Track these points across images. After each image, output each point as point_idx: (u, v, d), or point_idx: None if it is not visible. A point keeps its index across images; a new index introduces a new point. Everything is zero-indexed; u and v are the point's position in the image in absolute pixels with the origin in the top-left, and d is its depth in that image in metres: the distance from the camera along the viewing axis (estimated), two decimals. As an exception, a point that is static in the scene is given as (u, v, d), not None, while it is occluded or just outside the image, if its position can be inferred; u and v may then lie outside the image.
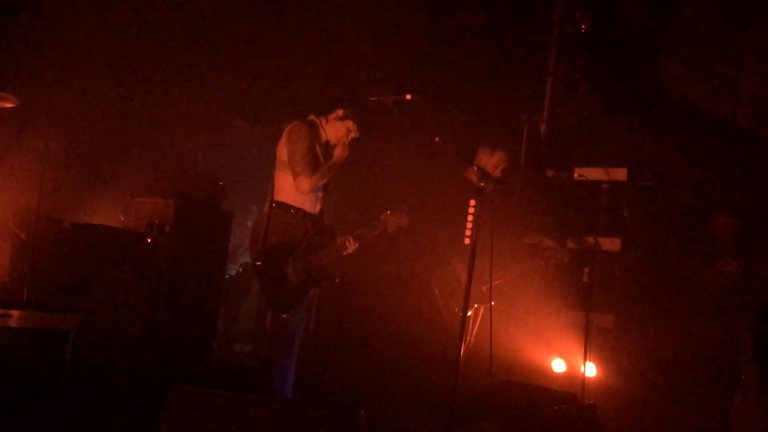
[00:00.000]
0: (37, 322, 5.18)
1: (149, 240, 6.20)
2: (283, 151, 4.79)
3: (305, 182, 4.70)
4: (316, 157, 4.80)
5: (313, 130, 4.87)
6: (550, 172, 6.12)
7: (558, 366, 6.27)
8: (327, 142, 4.97)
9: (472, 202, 4.53)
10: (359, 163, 7.33)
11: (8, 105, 6.09)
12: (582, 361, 5.76)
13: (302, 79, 7.23)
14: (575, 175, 6.13)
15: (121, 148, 7.55)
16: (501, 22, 7.04)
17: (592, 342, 5.70)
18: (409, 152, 6.80)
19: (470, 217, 4.55)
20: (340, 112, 4.93)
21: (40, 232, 6.48)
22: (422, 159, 6.63)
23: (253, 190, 8.45)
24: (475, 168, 4.60)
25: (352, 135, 4.96)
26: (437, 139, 4.51)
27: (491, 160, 5.56)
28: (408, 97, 4.78)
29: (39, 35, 6.88)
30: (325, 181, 4.87)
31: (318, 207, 4.92)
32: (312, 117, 4.98)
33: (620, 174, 6.10)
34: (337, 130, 4.95)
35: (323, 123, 4.96)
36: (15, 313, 5.02)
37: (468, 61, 7.08)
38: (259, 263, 4.62)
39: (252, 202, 9.00)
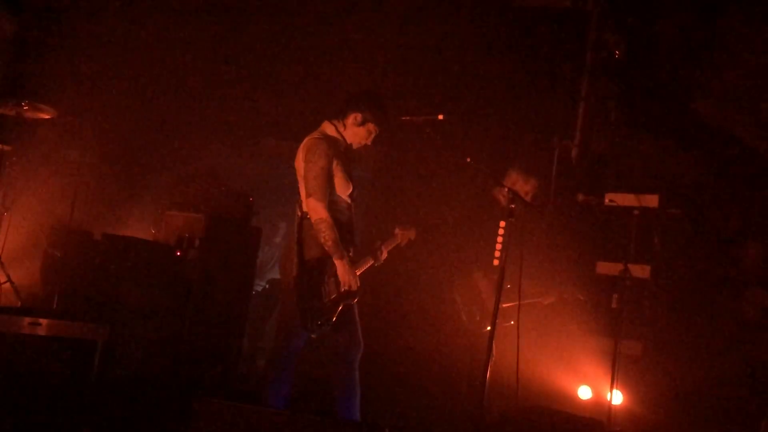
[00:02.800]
0: (66, 331, 5.22)
1: (179, 253, 6.25)
2: (300, 168, 4.63)
3: (315, 204, 4.50)
4: (332, 177, 4.59)
5: (331, 143, 4.64)
6: (580, 197, 6.11)
7: (584, 393, 6.20)
8: (349, 146, 4.77)
9: (502, 224, 4.49)
10: (389, 180, 7.42)
11: (46, 116, 6.21)
12: (609, 388, 5.70)
13: (334, 97, 7.27)
14: (606, 201, 6.10)
15: (154, 162, 7.65)
16: (534, 46, 7.05)
17: (619, 369, 5.65)
18: (440, 171, 6.81)
19: (499, 239, 4.51)
20: (358, 117, 4.69)
21: (72, 243, 6.57)
22: (452, 178, 6.63)
23: (283, 207, 8.51)
24: (506, 189, 4.58)
25: (374, 135, 4.77)
26: (468, 159, 4.50)
27: (525, 187, 5.53)
28: (440, 117, 4.76)
29: (76, 49, 7.02)
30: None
31: (352, 217, 4.75)
32: (327, 123, 4.75)
33: (652, 200, 6.06)
34: (357, 134, 4.73)
35: (341, 129, 4.74)
36: (44, 321, 5.07)
37: (500, 83, 7.09)
38: (295, 277, 4.48)
39: (280, 219, 9.06)
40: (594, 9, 6.81)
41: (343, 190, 4.67)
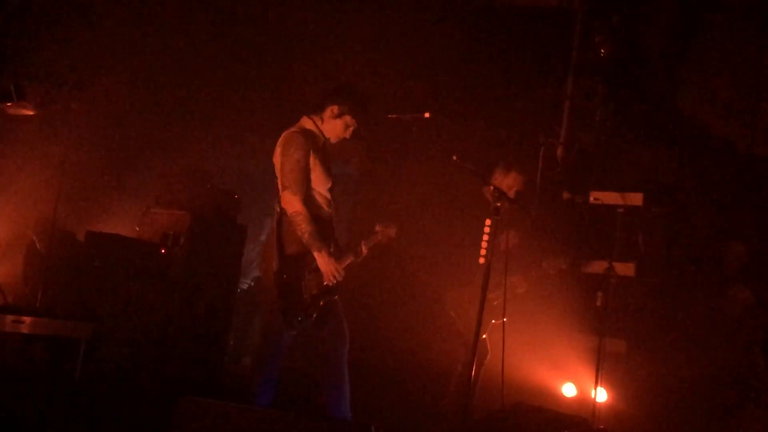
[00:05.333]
0: (49, 329, 5.20)
1: (163, 251, 6.22)
2: (277, 163, 4.56)
3: (290, 198, 4.43)
4: (309, 170, 4.51)
5: (309, 137, 4.56)
6: (565, 195, 6.11)
7: (569, 390, 6.23)
8: (326, 141, 4.68)
9: (488, 222, 4.49)
10: (375, 178, 7.42)
11: (28, 113, 6.17)
12: (593, 385, 5.73)
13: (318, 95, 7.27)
14: (591, 199, 6.12)
15: (138, 159, 7.61)
16: (520, 45, 7.06)
17: (603, 367, 5.67)
18: (426, 170, 6.82)
19: (485, 237, 4.50)
20: (335, 109, 4.60)
21: (55, 240, 6.52)
22: (438, 177, 6.64)
23: (268, 204, 8.48)
24: (492, 188, 4.58)
25: (351, 129, 4.66)
26: (455, 157, 4.49)
27: (506, 181, 5.53)
28: (426, 115, 4.75)
29: (59, 44, 6.96)
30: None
31: (331, 212, 4.69)
32: (305, 118, 4.67)
33: (636, 199, 6.10)
34: (335, 128, 4.64)
35: (319, 123, 4.65)
36: (27, 319, 5.05)
37: (486, 82, 7.10)
38: (275, 273, 4.45)
39: (266, 217, 9.03)
40: (579, 8, 6.82)
41: (321, 185, 4.61)
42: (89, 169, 7.06)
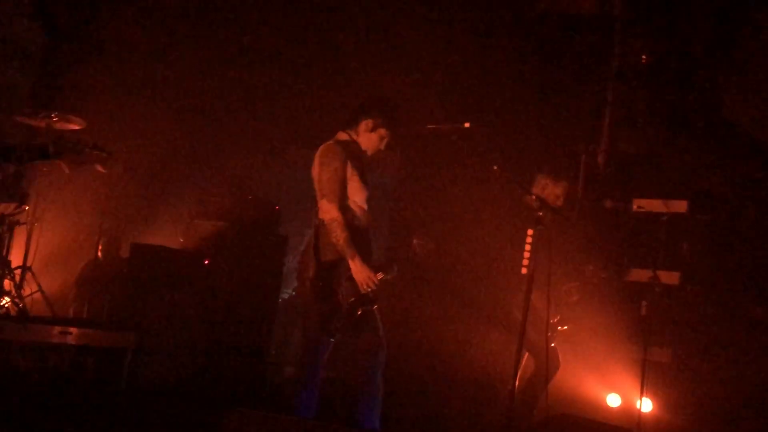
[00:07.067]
0: (95, 339, 5.28)
1: (206, 261, 6.28)
2: (315, 174, 4.61)
3: (327, 206, 4.47)
4: (346, 180, 4.55)
5: (347, 148, 4.61)
6: (608, 203, 6.07)
7: (613, 400, 6.16)
8: (365, 153, 4.72)
9: (530, 232, 4.47)
10: (414, 190, 7.41)
11: (75, 127, 6.28)
12: (638, 395, 5.66)
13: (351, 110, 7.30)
14: (634, 207, 6.06)
15: (182, 171, 7.70)
16: (560, 52, 7.02)
17: (648, 377, 5.60)
18: (466, 179, 6.80)
19: (527, 247, 4.48)
20: (369, 123, 4.67)
21: (101, 252, 6.64)
22: (479, 187, 6.61)
23: (309, 215, 8.52)
24: (534, 197, 4.56)
25: (386, 140, 4.71)
26: (496, 167, 4.48)
27: (555, 190, 5.49)
28: (466, 125, 4.73)
29: (104, 60, 7.09)
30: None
31: (368, 224, 4.70)
32: (341, 133, 4.73)
33: (680, 206, 6.01)
34: (370, 140, 4.69)
35: (355, 137, 4.70)
36: (74, 330, 5.13)
37: (526, 90, 7.06)
38: (312, 280, 4.48)
39: (307, 227, 9.08)
40: (620, 14, 6.77)
41: (358, 195, 4.63)
42: (134, 182, 7.17)
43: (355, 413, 4.62)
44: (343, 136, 4.73)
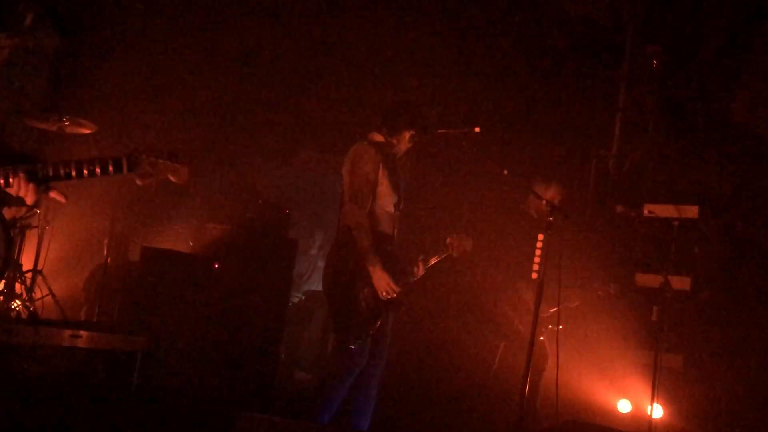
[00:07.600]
0: (106, 343, 5.29)
1: (216, 265, 6.29)
2: (345, 175, 4.62)
3: (354, 210, 4.48)
4: (376, 184, 4.55)
5: (380, 150, 4.61)
6: (619, 209, 6.04)
7: (624, 406, 6.14)
8: (397, 156, 4.76)
9: (540, 237, 4.46)
10: (425, 193, 7.41)
11: (86, 131, 6.30)
12: (649, 402, 5.64)
13: (369, 111, 7.30)
14: (645, 212, 6.04)
15: (192, 175, 7.70)
16: (571, 57, 7.01)
17: (659, 383, 5.57)
18: (475, 183, 6.79)
19: (538, 252, 4.47)
20: (414, 135, 4.70)
21: (112, 255, 6.65)
22: (488, 191, 6.61)
23: (319, 219, 8.54)
24: (543, 202, 4.55)
25: (416, 139, 4.75)
26: (505, 172, 4.48)
27: (546, 194, 5.49)
28: (477, 129, 4.73)
29: (114, 63, 7.12)
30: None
31: (395, 229, 4.71)
32: (376, 134, 4.71)
33: (691, 211, 5.99)
34: (405, 147, 4.74)
35: (394, 142, 4.72)
36: (84, 334, 5.14)
37: (537, 94, 7.06)
38: (335, 285, 4.49)
39: (316, 231, 9.09)
40: (631, 19, 6.75)
41: (388, 200, 4.62)
42: (143, 186, 7.18)
43: (351, 411, 4.62)
44: (377, 137, 4.71)
